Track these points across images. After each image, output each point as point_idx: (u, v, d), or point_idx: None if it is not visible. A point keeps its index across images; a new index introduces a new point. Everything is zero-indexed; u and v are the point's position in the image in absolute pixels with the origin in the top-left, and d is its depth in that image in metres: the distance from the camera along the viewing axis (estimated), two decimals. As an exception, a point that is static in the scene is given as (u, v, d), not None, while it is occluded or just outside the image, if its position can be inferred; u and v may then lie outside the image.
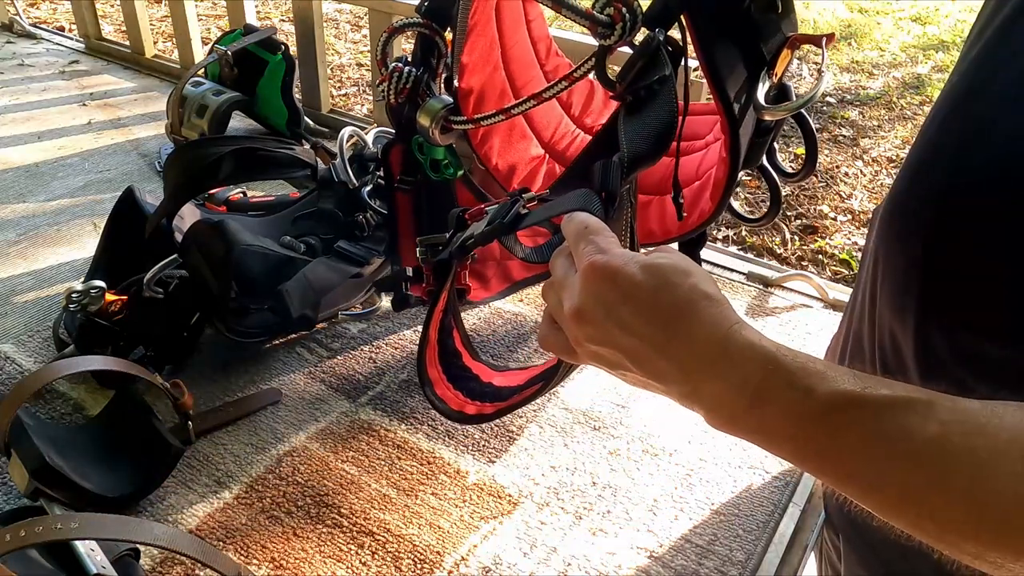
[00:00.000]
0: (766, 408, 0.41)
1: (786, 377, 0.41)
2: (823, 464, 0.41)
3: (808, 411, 0.40)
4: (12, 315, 1.18)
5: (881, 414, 0.39)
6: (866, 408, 0.39)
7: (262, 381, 1.08)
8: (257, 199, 1.43)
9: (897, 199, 0.55)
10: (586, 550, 0.87)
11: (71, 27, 2.96)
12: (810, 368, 0.41)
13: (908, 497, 0.38)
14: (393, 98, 0.90)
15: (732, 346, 0.43)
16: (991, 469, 0.36)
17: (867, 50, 3.74)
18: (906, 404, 0.39)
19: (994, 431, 0.37)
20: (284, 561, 0.84)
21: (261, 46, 1.63)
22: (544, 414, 1.04)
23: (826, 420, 0.40)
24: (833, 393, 0.40)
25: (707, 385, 0.43)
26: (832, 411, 0.40)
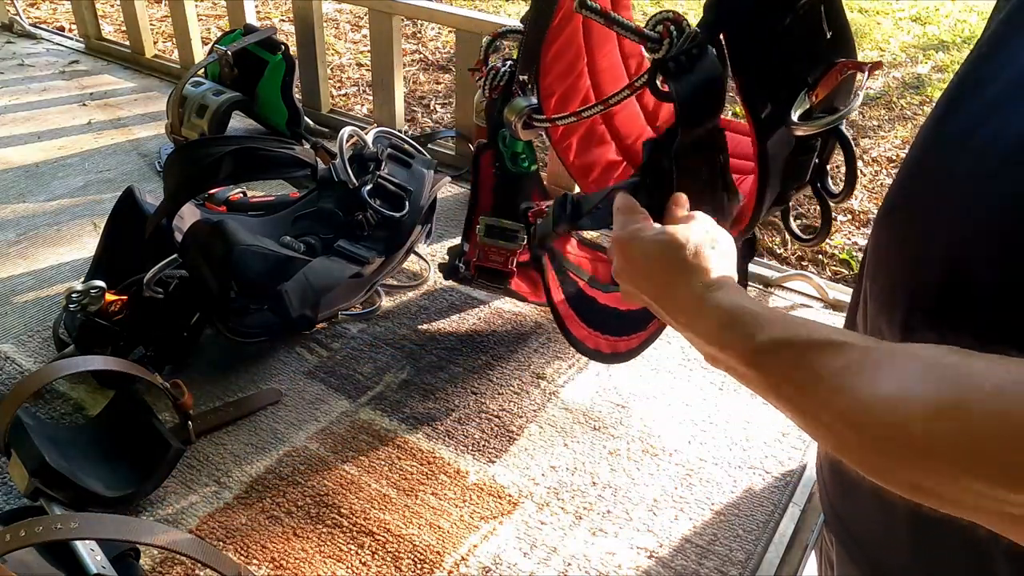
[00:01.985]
0: (728, 352, 0.52)
1: (740, 329, 0.52)
2: (769, 397, 0.50)
3: (751, 354, 0.50)
4: (12, 315, 1.18)
5: (802, 352, 0.47)
6: (791, 348, 0.48)
7: (262, 381, 1.08)
8: (257, 199, 1.43)
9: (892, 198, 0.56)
10: (586, 550, 0.87)
11: (71, 27, 2.96)
12: (760, 319, 0.52)
13: (822, 424, 0.45)
14: (488, 92, 0.99)
15: (704, 304, 0.56)
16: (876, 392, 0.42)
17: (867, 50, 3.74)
18: (822, 344, 0.47)
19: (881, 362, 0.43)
20: (284, 561, 0.84)
21: (261, 46, 1.63)
22: (544, 414, 1.04)
23: (763, 360, 0.50)
24: (767, 339, 0.50)
25: (691, 333, 0.57)
26: (766, 353, 0.49)
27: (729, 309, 0.54)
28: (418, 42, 3.67)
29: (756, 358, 0.50)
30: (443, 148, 1.66)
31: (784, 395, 0.48)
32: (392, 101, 1.69)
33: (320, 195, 1.25)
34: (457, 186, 1.57)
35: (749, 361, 0.50)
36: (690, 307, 0.57)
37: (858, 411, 0.43)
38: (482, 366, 1.12)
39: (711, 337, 0.54)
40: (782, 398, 0.49)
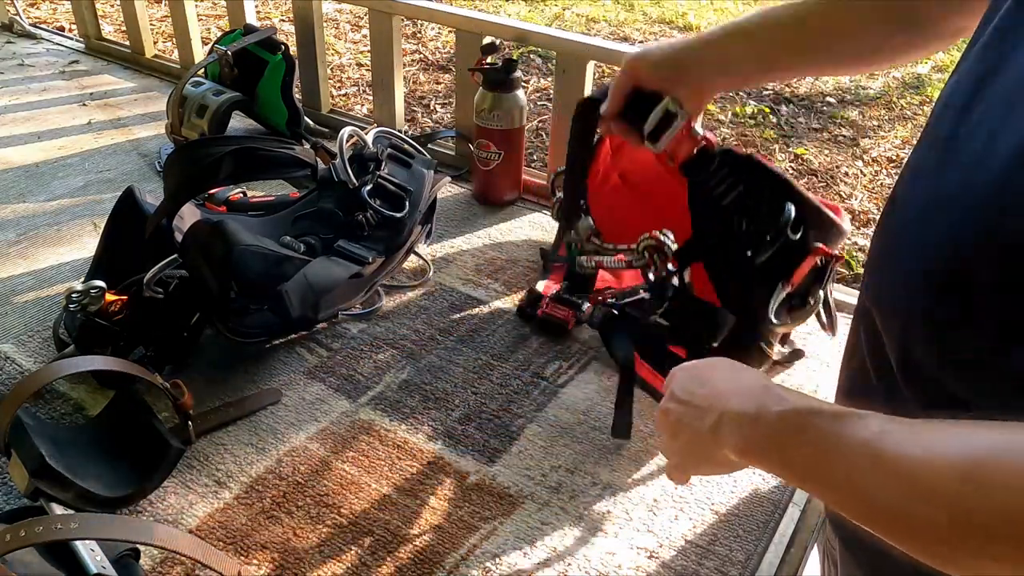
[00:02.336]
0: (761, 423, 0.53)
1: (775, 397, 0.53)
2: (798, 472, 0.51)
3: (784, 422, 0.51)
4: (12, 315, 1.18)
5: (836, 418, 0.48)
6: (825, 415, 0.49)
7: (262, 381, 1.08)
8: (257, 199, 1.43)
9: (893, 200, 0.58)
10: (586, 550, 0.87)
11: (71, 27, 2.96)
12: (797, 395, 0.53)
13: (854, 493, 0.46)
14: (556, 217, 1.16)
15: (744, 379, 0.58)
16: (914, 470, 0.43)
17: (867, 50, 3.74)
18: (858, 415, 0.47)
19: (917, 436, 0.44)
20: (284, 561, 0.84)
21: (261, 46, 1.63)
22: (544, 414, 1.04)
23: (798, 427, 0.50)
24: (805, 406, 0.51)
25: (727, 413, 0.56)
26: (802, 418, 0.50)
27: (770, 382, 0.57)
28: (418, 42, 3.67)
29: (787, 421, 0.51)
30: (443, 148, 1.66)
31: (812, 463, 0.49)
32: (392, 101, 1.69)
33: (320, 195, 1.25)
34: (457, 186, 1.57)
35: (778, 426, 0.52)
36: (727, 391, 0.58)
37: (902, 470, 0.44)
38: (482, 366, 1.12)
39: (748, 402, 0.55)
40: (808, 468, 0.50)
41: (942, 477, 0.42)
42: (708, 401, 0.59)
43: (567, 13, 4.14)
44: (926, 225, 0.53)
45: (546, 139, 2.65)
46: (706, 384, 0.61)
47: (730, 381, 0.59)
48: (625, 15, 4.14)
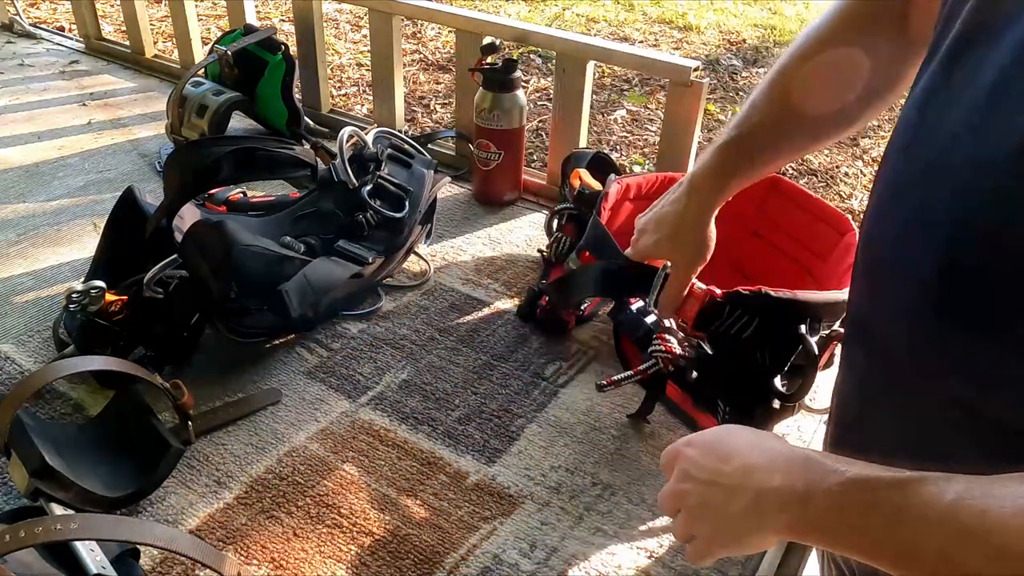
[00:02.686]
0: (815, 499, 0.49)
1: (823, 468, 0.49)
2: (866, 545, 0.47)
3: (844, 495, 0.48)
4: (12, 315, 1.18)
5: (903, 486, 0.45)
6: (888, 484, 0.46)
7: (262, 381, 1.08)
8: (257, 199, 1.43)
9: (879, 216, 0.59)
10: (586, 550, 0.87)
11: (71, 27, 2.96)
12: (837, 461, 0.50)
13: (940, 564, 0.43)
14: (555, 259, 1.23)
15: (776, 451, 0.53)
16: (1007, 534, 0.41)
17: (867, 50, 3.74)
18: (922, 479, 0.45)
19: (1000, 497, 0.42)
20: (284, 561, 0.84)
21: (261, 46, 1.63)
22: (544, 414, 1.04)
23: (861, 500, 0.47)
24: (861, 475, 0.47)
25: (767, 491, 0.52)
26: (864, 490, 0.47)
27: (810, 452, 0.53)
28: (418, 42, 3.67)
29: (852, 493, 0.48)
30: (443, 148, 1.66)
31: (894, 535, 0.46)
32: (392, 101, 1.69)
33: (320, 195, 1.25)
34: (457, 186, 1.57)
35: (844, 500, 0.48)
36: (763, 462, 0.54)
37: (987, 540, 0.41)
38: (482, 366, 1.12)
39: (794, 482, 0.50)
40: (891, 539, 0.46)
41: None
42: (739, 479, 0.54)
43: (567, 13, 4.14)
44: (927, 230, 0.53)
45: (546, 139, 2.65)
46: (731, 459, 0.56)
47: (759, 453, 0.54)
48: (625, 15, 4.14)
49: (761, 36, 3.85)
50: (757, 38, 3.82)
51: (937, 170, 0.52)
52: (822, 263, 1.12)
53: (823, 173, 2.83)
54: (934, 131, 0.53)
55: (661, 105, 2.79)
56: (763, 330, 0.91)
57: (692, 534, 0.59)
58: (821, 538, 0.50)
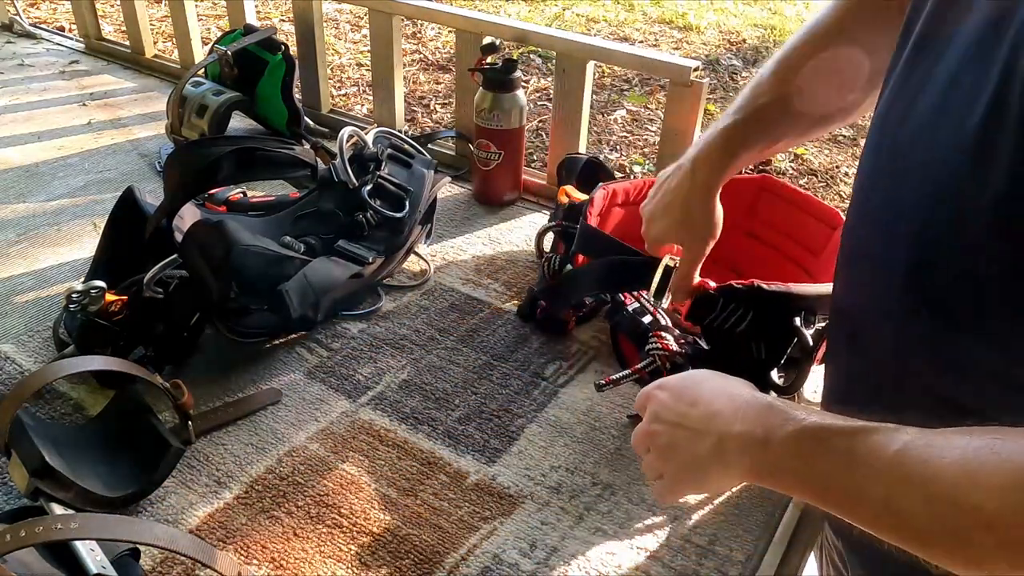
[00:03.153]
0: (773, 444, 0.51)
1: (782, 415, 0.52)
2: (818, 490, 0.50)
3: (799, 441, 0.50)
4: (12, 315, 1.18)
5: (855, 435, 0.47)
6: (841, 432, 0.48)
7: (262, 381, 1.08)
8: (257, 199, 1.43)
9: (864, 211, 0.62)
10: (586, 550, 0.87)
11: (71, 27, 2.96)
12: (797, 409, 0.52)
13: (882, 509, 0.46)
14: (550, 277, 1.20)
15: (740, 398, 0.56)
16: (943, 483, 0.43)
17: (867, 50, 3.73)
18: (873, 428, 0.47)
19: (941, 447, 0.44)
20: (284, 561, 0.84)
21: (261, 46, 1.63)
22: (544, 414, 1.04)
23: (814, 446, 0.49)
24: (817, 423, 0.50)
25: (730, 436, 0.54)
26: (818, 437, 0.49)
27: (772, 399, 0.55)
28: (418, 42, 3.67)
29: (808, 439, 0.50)
30: (443, 148, 1.66)
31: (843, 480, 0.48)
32: (392, 101, 1.69)
33: (320, 195, 1.25)
34: (457, 186, 1.57)
35: (799, 445, 0.50)
36: (728, 409, 0.56)
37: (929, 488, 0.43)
38: (482, 366, 1.12)
39: (754, 431, 0.53)
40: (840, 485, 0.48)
41: (981, 491, 0.41)
42: (704, 423, 0.57)
43: (567, 13, 4.14)
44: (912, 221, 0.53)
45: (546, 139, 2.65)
46: (697, 404, 0.59)
47: (725, 399, 0.57)
48: (625, 15, 4.14)
49: (761, 36, 3.85)
50: (757, 38, 3.82)
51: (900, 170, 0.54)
52: (815, 258, 1.13)
53: (823, 173, 2.83)
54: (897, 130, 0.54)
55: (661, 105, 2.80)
56: (757, 323, 0.92)
57: (660, 472, 0.62)
58: (777, 482, 0.53)
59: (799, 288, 0.93)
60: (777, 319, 0.92)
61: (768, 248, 1.21)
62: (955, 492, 0.42)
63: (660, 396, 0.62)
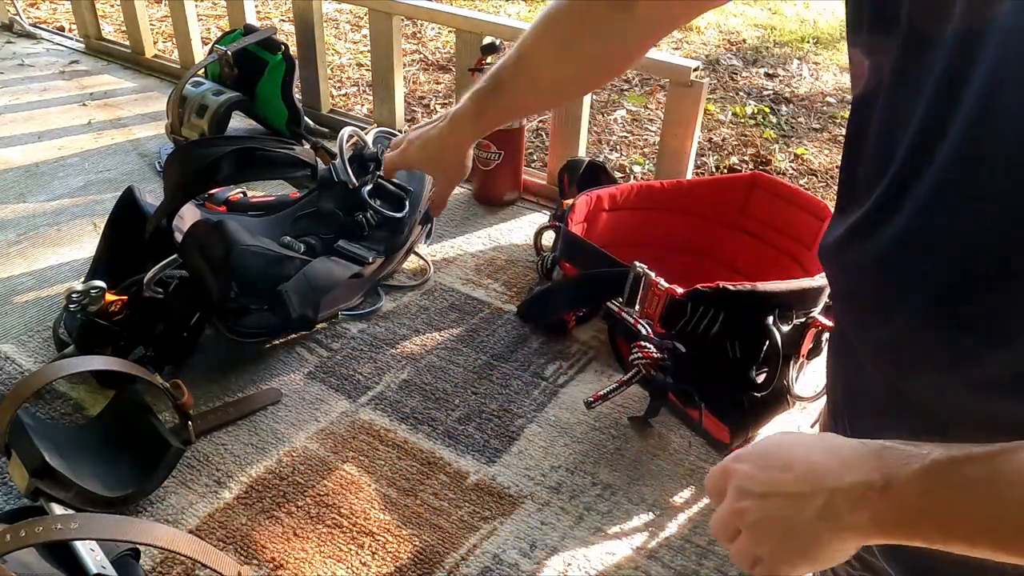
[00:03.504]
0: (898, 489, 0.45)
1: (899, 456, 0.46)
2: (960, 527, 0.45)
3: (929, 478, 0.44)
4: (12, 315, 1.18)
5: (993, 459, 0.43)
6: (977, 459, 0.43)
7: (262, 381, 1.08)
8: (257, 199, 1.43)
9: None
10: (586, 550, 0.87)
11: (71, 27, 2.96)
12: (914, 446, 0.46)
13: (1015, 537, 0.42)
14: (543, 275, 1.24)
15: (841, 447, 0.49)
16: None
17: (867, 50, 3.74)
18: (1010, 448, 0.42)
19: None
20: (284, 561, 0.84)
21: (261, 46, 1.63)
22: (544, 414, 1.04)
23: (949, 480, 0.44)
24: (946, 455, 0.44)
25: (840, 491, 0.48)
26: (951, 469, 0.44)
27: (883, 442, 0.48)
28: (418, 42, 3.67)
29: (932, 479, 0.44)
30: (443, 148, 1.66)
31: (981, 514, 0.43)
32: (392, 101, 1.69)
33: (320, 195, 1.25)
34: (457, 186, 1.57)
35: (924, 486, 0.45)
36: (831, 462, 0.49)
37: None
38: (482, 366, 1.12)
39: (871, 476, 0.47)
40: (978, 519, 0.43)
41: None
42: (806, 485, 0.50)
43: (567, 13, 4.13)
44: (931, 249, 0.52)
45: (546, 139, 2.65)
46: (792, 466, 0.51)
47: (823, 454, 0.50)
48: (625, 15, 4.13)
49: (761, 36, 3.86)
50: (757, 38, 3.82)
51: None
52: (808, 251, 1.14)
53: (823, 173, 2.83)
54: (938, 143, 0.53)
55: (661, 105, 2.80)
56: (729, 324, 0.92)
57: (757, 555, 0.53)
58: (910, 530, 0.46)
59: (766, 286, 0.93)
60: (748, 318, 0.92)
61: (763, 244, 1.21)
62: None
63: (742, 468, 0.54)
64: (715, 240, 1.23)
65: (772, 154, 2.58)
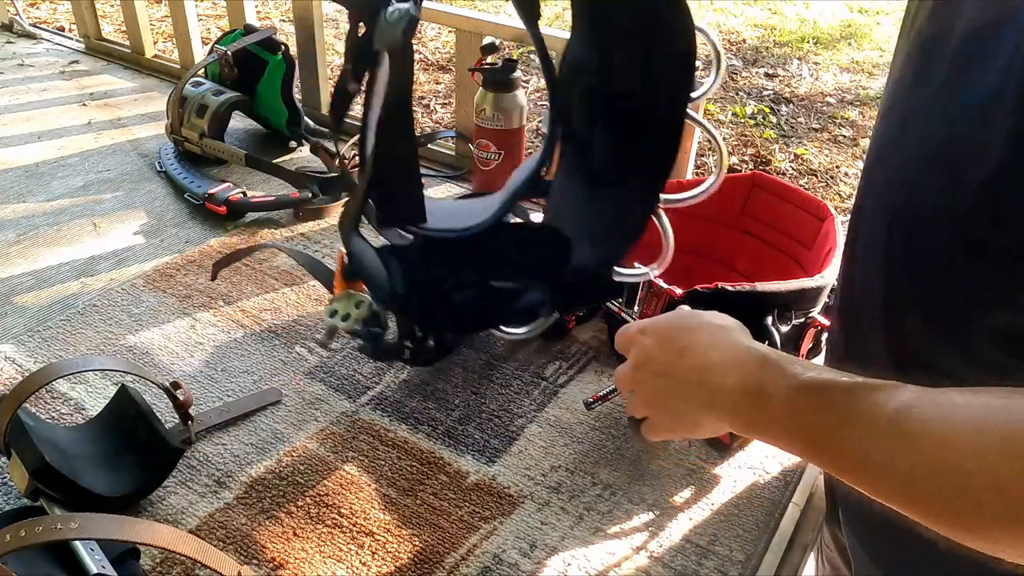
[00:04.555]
0: (769, 400, 0.49)
1: (777, 371, 0.50)
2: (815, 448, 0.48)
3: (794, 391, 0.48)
4: (12, 315, 1.18)
5: (854, 392, 0.46)
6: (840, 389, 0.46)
7: (262, 381, 1.08)
8: (257, 199, 1.43)
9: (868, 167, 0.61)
10: (586, 550, 0.87)
11: (71, 27, 2.96)
12: (799, 361, 0.51)
13: (880, 470, 0.44)
14: None
15: (733, 349, 0.54)
16: (948, 444, 0.41)
17: (867, 50, 3.74)
18: (874, 385, 0.45)
19: (947, 406, 0.42)
20: (284, 561, 0.84)
21: (261, 46, 1.63)
22: (544, 414, 1.04)
23: (812, 403, 0.47)
24: (812, 377, 0.48)
25: (723, 390, 0.52)
26: (816, 393, 0.47)
27: (768, 352, 0.53)
28: (418, 42, 3.67)
29: (804, 396, 0.48)
30: (443, 148, 1.66)
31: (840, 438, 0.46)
32: (392, 101, 1.69)
33: None
34: (457, 186, 1.57)
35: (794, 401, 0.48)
36: (722, 359, 0.54)
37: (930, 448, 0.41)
38: (482, 366, 1.12)
39: (747, 384, 0.51)
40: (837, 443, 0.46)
41: (993, 454, 0.39)
42: (696, 375, 0.55)
43: (567, 13, 4.15)
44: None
45: (546, 139, 2.66)
46: (687, 354, 0.56)
47: (718, 351, 0.55)
48: (625, 15, 4.14)
49: (761, 36, 3.85)
50: (757, 38, 3.82)
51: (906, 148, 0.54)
52: (807, 251, 1.14)
53: (823, 173, 2.83)
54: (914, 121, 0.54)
55: (661, 105, 2.80)
56: None
57: (647, 417, 0.61)
58: (773, 439, 0.51)
59: (764, 287, 0.93)
60: (747, 319, 0.93)
61: (763, 244, 1.22)
62: (962, 454, 0.40)
63: (645, 342, 0.59)
64: (714, 240, 1.23)
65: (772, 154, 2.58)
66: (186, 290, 1.23)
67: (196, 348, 1.11)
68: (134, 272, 1.28)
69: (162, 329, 1.15)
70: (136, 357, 1.09)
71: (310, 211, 1.42)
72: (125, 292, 1.23)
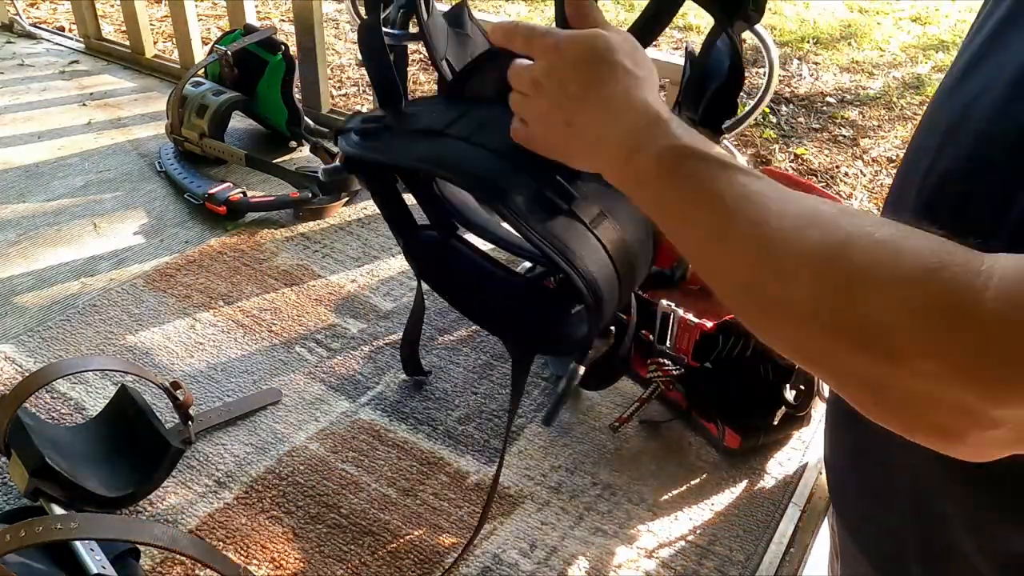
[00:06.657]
0: (641, 155, 0.49)
1: (661, 131, 0.50)
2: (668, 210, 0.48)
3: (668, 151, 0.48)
4: (12, 315, 1.18)
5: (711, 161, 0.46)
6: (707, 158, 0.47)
7: (262, 381, 1.08)
8: (257, 199, 1.43)
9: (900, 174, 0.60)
10: (586, 550, 0.87)
11: (71, 27, 2.96)
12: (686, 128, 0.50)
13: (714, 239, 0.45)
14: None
15: (631, 104, 0.52)
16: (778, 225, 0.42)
17: (867, 50, 3.74)
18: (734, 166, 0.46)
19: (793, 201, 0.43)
20: (284, 561, 0.84)
21: (261, 46, 1.63)
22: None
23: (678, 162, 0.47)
24: (689, 143, 0.48)
25: (605, 138, 0.52)
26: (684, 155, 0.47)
27: (662, 113, 0.52)
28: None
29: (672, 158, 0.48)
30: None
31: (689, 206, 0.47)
32: (392, 101, 1.69)
33: None
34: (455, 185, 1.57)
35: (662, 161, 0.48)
36: (617, 106, 0.53)
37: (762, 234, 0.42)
38: (482, 366, 1.12)
39: (629, 136, 0.51)
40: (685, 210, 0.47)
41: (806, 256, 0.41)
42: (587, 118, 0.54)
43: (567, 13, 4.13)
44: None
45: (546, 139, 2.66)
46: (587, 95, 0.54)
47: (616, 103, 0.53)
48: (625, 15, 4.14)
49: (761, 36, 3.85)
50: (757, 38, 3.82)
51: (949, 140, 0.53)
52: None
53: (823, 173, 2.83)
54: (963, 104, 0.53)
55: (661, 105, 2.80)
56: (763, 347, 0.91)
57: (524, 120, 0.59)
58: (637, 196, 0.51)
59: None
60: None
61: None
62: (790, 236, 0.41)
63: (556, 61, 0.56)
64: None
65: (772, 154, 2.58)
66: (186, 290, 1.23)
67: (196, 348, 1.11)
68: (134, 272, 1.28)
69: (162, 329, 1.15)
70: (136, 357, 1.09)
71: (310, 211, 1.42)
72: (125, 292, 1.23)
